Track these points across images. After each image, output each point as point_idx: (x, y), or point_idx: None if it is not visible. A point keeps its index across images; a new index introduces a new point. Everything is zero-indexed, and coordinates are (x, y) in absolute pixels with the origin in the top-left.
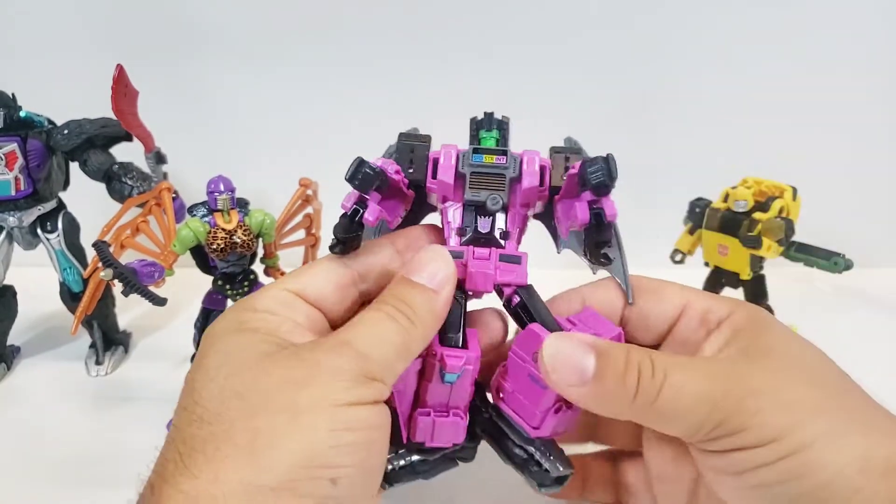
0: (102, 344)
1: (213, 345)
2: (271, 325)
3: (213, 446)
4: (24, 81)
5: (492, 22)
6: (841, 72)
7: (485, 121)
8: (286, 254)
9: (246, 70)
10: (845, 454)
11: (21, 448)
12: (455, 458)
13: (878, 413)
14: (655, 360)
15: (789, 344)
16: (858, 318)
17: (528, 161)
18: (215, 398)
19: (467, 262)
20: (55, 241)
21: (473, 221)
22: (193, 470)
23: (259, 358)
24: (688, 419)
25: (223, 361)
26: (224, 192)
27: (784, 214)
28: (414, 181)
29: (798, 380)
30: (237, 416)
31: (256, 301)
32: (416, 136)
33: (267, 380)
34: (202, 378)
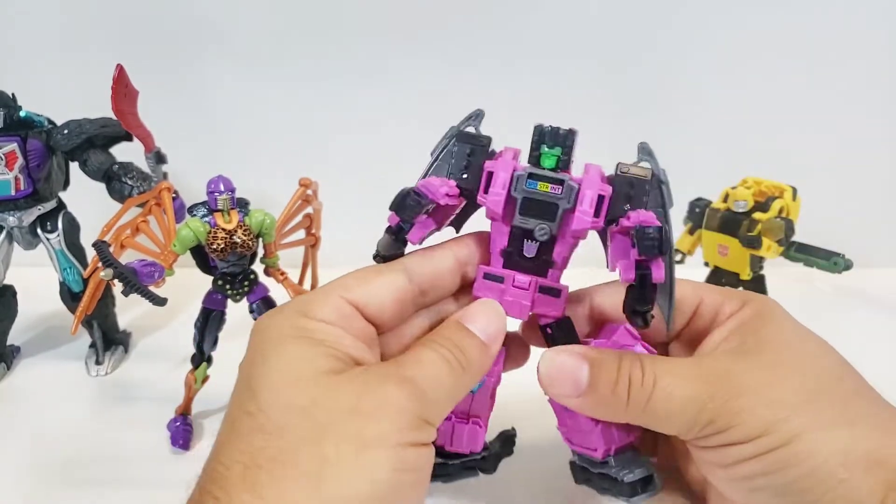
0: (102, 344)
1: (275, 348)
2: (332, 338)
3: (279, 466)
4: (24, 81)
5: (491, 22)
6: (841, 72)
7: (548, 134)
8: (286, 254)
9: (246, 70)
10: (828, 447)
11: (21, 448)
12: (475, 468)
13: (870, 405)
14: (646, 366)
15: (787, 336)
16: (858, 318)
17: (584, 196)
18: (279, 409)
19: (506, 288)
20: (55, 241)
21: (520, 245)
22: (258, 489)
23: (325, 374)
24: (678, 421)
25: (287, 370)
26: (224, 192)
27: (784, 214)
28: (466, 188)
29: (787, 374)
30: (303, 437)
31: (315, 308)
32: (476, 137)
33: (334, 402)
34: (265, 384)
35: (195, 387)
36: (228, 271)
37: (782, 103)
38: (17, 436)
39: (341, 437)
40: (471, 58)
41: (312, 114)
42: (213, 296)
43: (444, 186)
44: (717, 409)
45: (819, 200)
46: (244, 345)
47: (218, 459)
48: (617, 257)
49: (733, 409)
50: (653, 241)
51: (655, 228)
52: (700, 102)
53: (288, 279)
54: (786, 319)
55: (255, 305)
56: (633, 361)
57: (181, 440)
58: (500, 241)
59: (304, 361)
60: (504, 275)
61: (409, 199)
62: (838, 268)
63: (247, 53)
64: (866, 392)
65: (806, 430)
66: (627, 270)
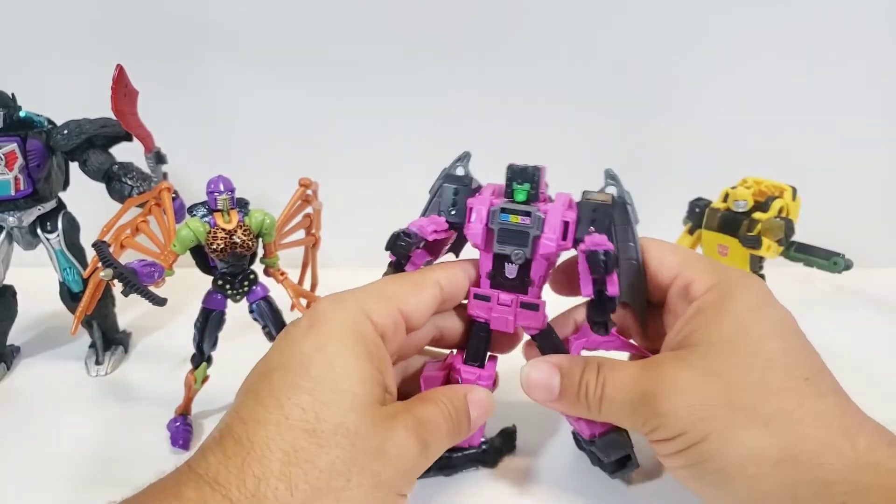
0: (102, 344)
1: (340, 340)
2: (382, 363)
3: (313, 473)
4: (24, 81)
5: (492, 25)
6: (841, 72)
7: (518, 173)
8: (286, 254)
9: (246, 70)
10: (736, 445)
11: (21, 448)
12: (476, 461)
13: (795, 399)
14: (600, 373)
15: (733, 328)
16: (858, 318)
17: (550, 225)
18: (332, 425)
19: (493, 306)
20: (55, 241)
21: (502, 268)
22: (293, 484)
23: (373, 406)
24: (623, 420)
25: (349, 389)
26: (224, 192)
27: (784, 214)
28: (455, 223)
29: (714, 375)
30: (340, 457)
31: (377, 313)
32: (461, 178)
33: (371, 437)
34: (328, 388)
35: (195, 387)
36: (228, 271)
37: (782, 103)
38: (18, 436)
39: (365, 471)
40: (471, 60)
41: (313, 114)
42: (212, 296)
43: (431, 225)
44: (646, 412)
45: (819, 200)
46: (244, 344)
47: (261, 433)
48: (582, 279)
49: (659, 412)
50: (599, 263)
51: (603, 251)
52: (700, 102)
53: (288, 279)
54: (743, 304)
55: (254, 305)
56: (591, 369)
57: (181, 440)
58: (486, 265)
59: (362, 384)
60: (490, 294)
61: (400, 241)
62: (838, 268)
63: (247, 54)
64: (803, 381)
65: (718, 429)
66: (586, 287)
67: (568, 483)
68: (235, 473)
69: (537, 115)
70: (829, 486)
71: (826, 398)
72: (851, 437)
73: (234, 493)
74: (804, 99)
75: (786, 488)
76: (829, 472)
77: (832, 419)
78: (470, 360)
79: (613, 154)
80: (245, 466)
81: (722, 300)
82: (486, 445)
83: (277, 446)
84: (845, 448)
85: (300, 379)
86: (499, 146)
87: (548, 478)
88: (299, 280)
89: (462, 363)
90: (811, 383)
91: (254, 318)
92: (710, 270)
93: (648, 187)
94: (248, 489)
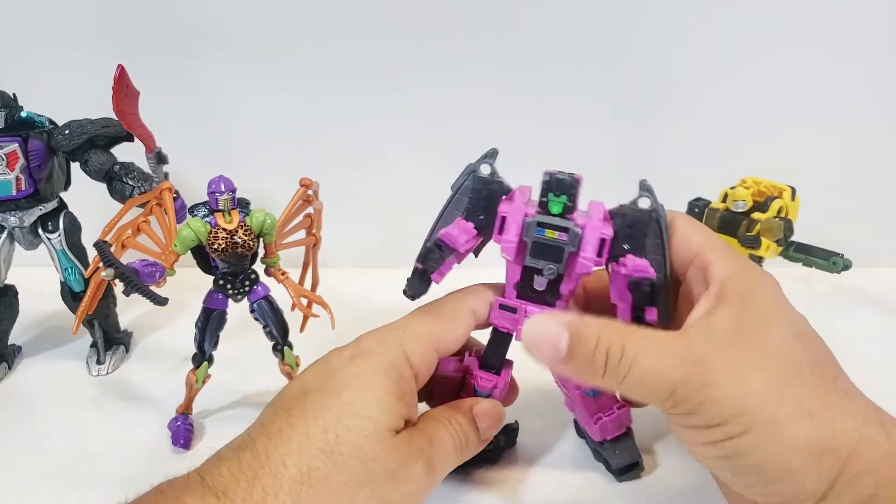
0: (103, 343)
1: (377, 374)
2: (408, 396)
3: (324, 492)
4: (26, 82)
5: (492, 25)
6: (841, 72)
7: (556, 183)
8: (287, 253)
9: (247, 70)
10: (780, 440)
11: (22, 447)
12: (480, 459)
13: (832, 395)
14: (626, 344)
15: (765, 319)
16: (858, 318)
17: (587, 242)
18: (351, 447)
19: (519, 318)
20: (56, 241)
21: (530, 280)
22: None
23: (391, 432)
24: (652, 398)
25: (375, 416)
26: (225, 193)
27: (783, 214)
28: (482, 227)
29: (756, 365)
30: (353, 479)
31: (415, 355)
32: (488, 181)
33: (385, 462)
34: (353, 413)
35: (196, 386)
36: (229, 271)
37: (782, 103)
38: (19, 435)
39: (373, 493)
40: (472, 59)
41: (314, 114)
42: (213, 295)
43: (462, 235)
44: (686, 395)
45: (818, 200)
46: (244, 344)
47: (281, 447)
48: (616, 297)
49: (700, 398)
50: (645, 294)
51: (648, 282)
52: (700, 102)
53: (289, 279)
54: (767, 298)
55: (255, 305)
56: (613, 336)
57: (182, 440)
58: (514, 275)
59: (387, 415)
60: (517, 306)
61: (433, 253)
62: (837, 268)
63: (248, 54)
64: (832, 381)
65: (763, 422)
66: (624, 314)
67: (569, 478)
68: (244, 486)
69: (537, 115)
70: (862, 476)
71: (855, 397)
72: (885, 428)
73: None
74: (804, 99)
75: (825, 481)
76: (864, 464)
77: (866, 413)
78: (486, 366)
79: (613, 154)
80: (256, 481)
81: (747, 293)
82: (490, 445)
83: (293, 463)
84: (880, 439)
85: (331, 401)
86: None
87: (549, 472)
88: (300, 280)
89: (478, 368)
90: (837, 384)
91: (255, 318)
92: (731, 258)
93: None
94: (254, 501)
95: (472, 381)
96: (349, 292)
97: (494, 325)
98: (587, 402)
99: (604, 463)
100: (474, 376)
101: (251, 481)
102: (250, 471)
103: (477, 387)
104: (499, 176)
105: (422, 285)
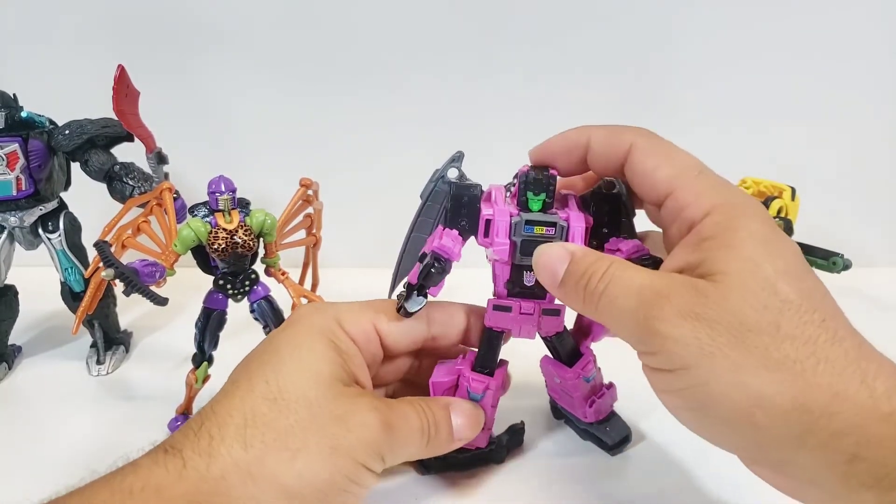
0: (103, 343)
1: (309, 340)
2: (350, 354)
3: (271, 434)
4: (26, 82)
5: (492, 25)
6: (841, 71)
7: (532, 184)
8: (287, 253)
9: (247, 70)
10: (744, 391)
11: (22, 447)
12: (485, 459)
13: (809, 347)
14: (608, 270)
15: (743, 259)
16: (858, 318)
17: (574, 232)
18: (294, 393)
19: (515, 316)
20: (56, 241)
21: (520, 276)
22: (248, 443)
23: (336, 381)
24: (620, 330)
25: (313, 365)
26: (225, 193)
27: (783, 214)
28: (465, 233)
29: (723, 310)
30: (298, 421)
31: (349, 323)
32: (467, 185)
33: (332, 406)
34: (293, 367)
35: (196, 386)
36: (229, 271)
37: (782, 103)
38: (19, 435)
39: (323, 435)
40: (472, 60)
41: (313, 114)
42: (213, 295)
43: (456, 245)
44: (647, 328)
45: (818, 200)
46: (245, 344)
47: (226, 403)
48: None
49: (662, 333)
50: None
51: (647, 257)
52: (699, 102)
53: (289, 279)
54: (752, 235)
55: (255, 305)
56: (600, 262)
57: None
58: (503, 275)
59: (327, 364)
60: (511, 304)
61: (435, 269)
62: (837, 267)
63: (248, 54)
64: (819, 324)
65: (725, 371)
66: None
67: (573, 478)
68: (191, 437)
69: (537, 115)
70: (840, 436)
71: (843, 342)
72: (868, 383)
73: (187, 453)
74: (804, 99)
75: (795, 437)
76: (840, 423)
77: (847, 364)
78: (479, 367)
79: None
80: (202, 430)
81: (728, 229)
82: (493, 445)
83: (238, 412)
84: (861, 396)
85: (270, 358)
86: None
87: (553, 473)
88: (300, 280)
89: (471, 370)
90: (827, 326)
91: (255, 318)
92: (709, 191)
93: None
94: (201, 447)
95: (464, 385)
96: (349, 292)
97: (491, 327)
98: (582, 386)
99: (594, 440)
100: (466, 378)
101: (197, 431)
102: (196, 424)
103: (469, 389)
104: (468, 179)
105: (418, 299)
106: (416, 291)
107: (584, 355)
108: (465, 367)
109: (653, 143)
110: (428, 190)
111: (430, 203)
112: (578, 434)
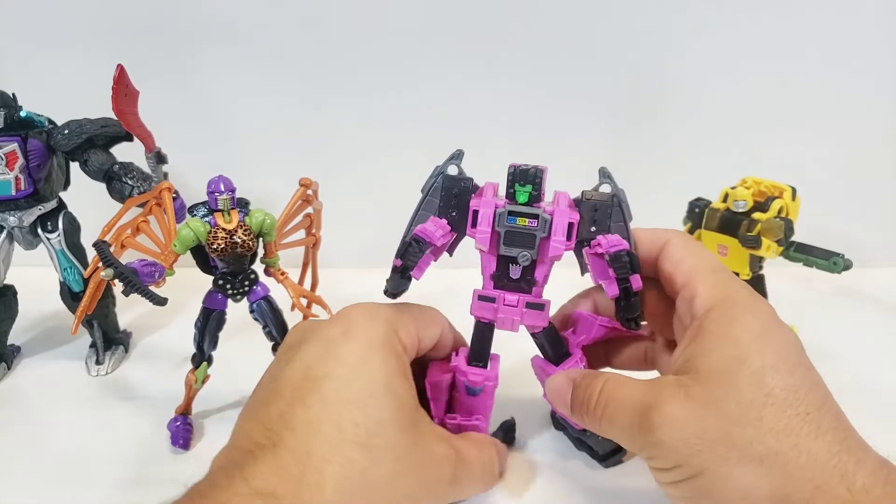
0: (103, 343)
1: (380, 355)
2: (409, 373)
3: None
4: (25, 81)
5: (492, 26)
6: (841, 72)
7: (520, 174)
8: (286, 253)
9: (247, 70)
10: (730, 483)
11: (21, 447)
12: None
13: (791, 438)
14: (603, 388)
15: (730, 356)
16: (858, 318)
17: (557, 226)
18: (385, 441)
19: (498, 307)
20: (56, 241)
21: (506, 269)
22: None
23: (413, 424)
24: (623, 442)
25: (392, 405)
26: (224, 192)
27: (783, 214)
28: (455, 223)
29: (711, 407)
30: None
31: (404, 331)
32: (461, 179)
33: (414, 454)
34: (373, 400)
35: (195, 386)
36: (229, 271)
37: (782, 103)
38: (18, 435)
39: (410, 480)
40: (472, 61)
41: (313, 114)
42: (213, 295)
43: (438, 230)
44: (643, 439)
45: (819, 200)
46: (244, 344)
47: (318, 445)
48: (598, 277)
49: (655, 441)
50: (624, 264)
51: (625, 253)
52: (700, 103)
53: (288, 279)
54: (748, 330)
55: (255, 305)
56: (595, 383)
57: (181, 440)
58: (489, 267)
59: (399, 385)
60: (495, 296)
61: (412, 248)
62: (838, 268)
63: (248, 54)
64: (803, 416)
65: (714, 465)
66: (611, 287)
67: (565, 474)
68: (293, 487)
69: (538, 115)
70: None
71: (825, 436)
72: (847, 478)
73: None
74: (804, 99)
75: None
76: None
77: (829, 459)
78: (474, 360)
79: (613, 154)
80: (302, 478)
81: (725, 324)
82: None
83: (335, 458)
84: (840, 491)
85: (350, 392)
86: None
87: (546, 469)
88: (300, 280)
89: (466, 364)
90: (811, 419)
91: (254, 318)
92: (717, 286)
93: (648, 187)
94: (303, 500)
95: (461, 380)
96: (349, 292)
97: (476, 317)
98: None
99: (587, 451)
100: (464, 373)
101: (298, 479)
102: (296, 468)
103: (468, 383)
104: (465, 174)
105: (402, 282)
106: (400, 273)
107: (573, 355)
108: (461, 362)
109: (685, 241)
110: (429, 185)
111: (430, 197)
112: (573, 443)
